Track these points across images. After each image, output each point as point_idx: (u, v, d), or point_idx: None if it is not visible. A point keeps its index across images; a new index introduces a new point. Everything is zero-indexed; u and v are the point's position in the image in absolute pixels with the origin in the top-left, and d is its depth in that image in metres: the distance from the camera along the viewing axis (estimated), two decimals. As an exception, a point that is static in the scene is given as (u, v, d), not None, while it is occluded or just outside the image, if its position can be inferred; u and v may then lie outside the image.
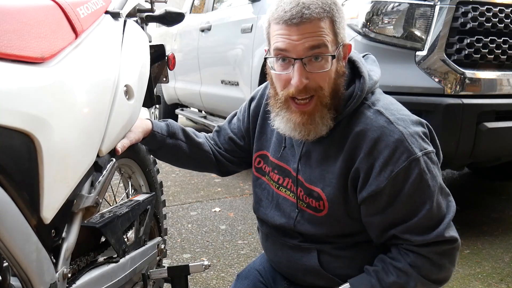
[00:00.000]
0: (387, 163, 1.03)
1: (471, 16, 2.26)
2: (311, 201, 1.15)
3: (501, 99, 2.36)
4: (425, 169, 1.03)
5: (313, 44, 1.00)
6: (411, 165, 1.02)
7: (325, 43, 1.01)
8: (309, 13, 0.99)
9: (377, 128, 1.05)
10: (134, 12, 1.47)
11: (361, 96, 1.08)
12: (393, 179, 1.03)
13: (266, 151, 1.28)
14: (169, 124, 1.36)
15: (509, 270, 2.17)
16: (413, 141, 1.03)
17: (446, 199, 1.09)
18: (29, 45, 0.84)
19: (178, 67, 4.57)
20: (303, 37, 1.00)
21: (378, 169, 1.04)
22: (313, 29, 1.00)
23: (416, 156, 1.02)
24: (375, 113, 1.07)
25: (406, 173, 1.02)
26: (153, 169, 1.64)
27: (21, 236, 0.78)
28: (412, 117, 1.10)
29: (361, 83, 1.08)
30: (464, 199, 3.24)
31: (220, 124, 1.44)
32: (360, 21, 2.30)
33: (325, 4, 1.01)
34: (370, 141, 1.04)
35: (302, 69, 1.01)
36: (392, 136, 1.03)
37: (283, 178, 1.22)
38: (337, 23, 1.03)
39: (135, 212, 1.31)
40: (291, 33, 1.00)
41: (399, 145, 1.02)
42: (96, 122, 1.01)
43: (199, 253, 2.38)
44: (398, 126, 1.04)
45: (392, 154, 1.02)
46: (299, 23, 0.99)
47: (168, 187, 3.50)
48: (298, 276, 1.25)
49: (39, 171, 0.81)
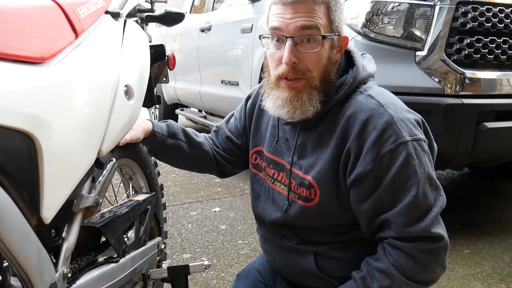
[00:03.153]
0: (374, 144, 1.02)
1: (471, 16, 2.26)
2: (302, 191, 1.15)
3: (501, 99, 2.36)
4: (413, 154, 1.02)
5: (305, 24, 1.03)
6: (398, 148, 1.01)
7: (317, 26, 1.04)
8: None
9: (367, 110, 1.05)
10: (134, 12, 1.47)
11: (353, 84, 1.09)
12: (379, 161, 1.02)
13: (261, 146, 1.29)
14: (170, 124, 1.37)
15: (509, 270, 2.17)
16: (403, 125, 1.03)
17: (435, 191, 1.05)
18: (29, 45, 0.84)
19: (178, 67, 4.57)
20: (296, 16, 1.03)
21: (365, 151, 1.03)
22: (306, 10, 1.03)
23: (404, 140, 1.01)
24: (366, 97, 1.08)
25: (392, 156, 1.01)
26: (154, 171, 1.64)
27: (21, 236, 0.78)
28: (405, 106, 1.10)
29: (353, 71, 1.10)
30: (464, 199, 3.24)
31: (218, 124, 1.45)
32: (360, 21, 2.30)
33: None
34: (359, 123, 1.05)
35: (292, 47, 1.04)
36: (381, 119, 1.03)
37: (278, 173, 1.23)
38: (333, 11, 1.06)
39: (135, 212, 1.31)
40: (285, 11, 1.04)
41: (387, 128, 1.02)
42: (96, 122, 1.01)
43: (199, 253, 2.38)
44: (388, 109, 1.04)
45: (380, 136, 1.02)
46: (294, 2, 1.03)
47: (168, 187, 3.50)
48: (297, 278, 1.25)
49: (39, 171, 0.81)
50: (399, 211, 1.02)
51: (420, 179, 1.02)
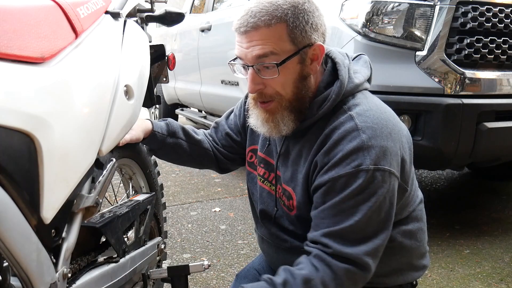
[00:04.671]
0: (336, 164, 1.02)
1: (471, 16, 2.26)
2: (285, 200, 1.19)
3: (501, 99, 2.36)
4: (369, 184, 1.00)
5: (259, 53, 1.02)
6: (358, 174, 1.00)
7: (273, 52, 1.01)
8: (254, 22, 1.00)
9: (342, 131, 1.04)
10: (134, 12, 1.47)
11: (336, 100, 1.07)
12: (335, 180, 1.02)
13: (256, 145, 1.30)
14: (169, 123, 1.37)
15: (509, 270, 2.17)
16: (371, 153, 1.00)
17: (382, 224, 1.03)
18: (29, 45, 0.84)
19: (178, 67, 4.57)
20: (250, 45, 1.02)
21: (326, 168, 1.04)
22: (260, 37, 1.01)
23: (365, 167, 1.00)
24: (347, 118, 1.06)
25: (349, 180, 1.01)
26: (153, 171, 1.64)
27: (21, 236, 0.78)
28: (387, 128, 1.05)
29: (337, 87, 1.08)
30: (464, 199, 3.24)
31: (218, 120, 1.45)
32: (360, 21, 2.30)
33: (277, 10, 1.00)
34: (331, 142, 1.05)
35: (254, 75, 1.05)
36: (351, 142, 1.02)
37: (268, 173, 1.25)
38: (294, 27, 1.01)
39: (135, 212, 1.31)
40: (241, 40, 1.05)
41: (354, 152, 1.01)
42: (96, 122, 1.01)
43: (199, 253, 2.38)
44: (362, 134, 1.02)
45: (344, 158, 1.02)
46: (245, 32, 1.02)
47: (168, 187, 3.50)
48: None
49: (39, 171, 0.81)
50: (338, 230, 1.01)
51: (369, 208, 1.00)
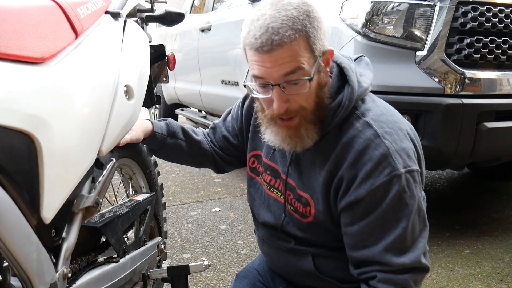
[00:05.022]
0: (368, 175, 1.01)
1: (471, 16, 2.26)
2: (299, 206, 1.15)
3: (501, 99, 2.36)
4: (405, 187, 1.01)
5: (287, 70, 0.97)
6: (392, 180, 1.00)
7: (300, 66, 0.97)
8: (279, 39, 0.94)
9: (364, 141, 1.03)
10: (134, 12, 1.47)
11: (349, 106, 1.06)
12: (373, 192, 1.01)
13: (259, 151, 1.28)
14: (169, 123, 1.37)
15: (509, 270, 2.17)
16: (398, 157, 1.01)
17: (422, 222, 1.06)
18: (29, 45, 0.84)
19: (178, 67, 4.57)
20: (276, 64, 0.96)
21: (359, 181, 1.02)
22: (286, 54, 0.96)
23: (398, 172, 1.00)
24: (364, 125, 1.05)
25: (386, 188, 1.00)
26: (153, 171, 1.64)
27: (21, 236, 0.78)
28: (402, 130, 1.07)
29: (349, 92, 1.06)
30: (464, 199, 3.24)
31: (216, 122, 1.44)
32: (360, 21, 2.30)
33: (296, 22, 0.96)
34: (355, 152, 1.03)
35: (281, 93, 1.00)
36: (377, 150, 1.01)
37: (274, 180, 1.22)
38: (312, 38, 0.98)
39: (135, 212, 1.31)
40: (264, 60, 0.97)
41: (382, 160, 1.01)
42: (96, 122, 1.02)
43: (199, 253, 2.38)
44: (384, 140, 1.02)
45: (374, 168, 1.01)
46: (270, 50, 0.95)
47: (168, 187, 3.50)
48: (296, 278, 1.25)
49: (39, 171, 0.81)
50: (390, 242, 1.01)
51: (410, 212, 1.02)
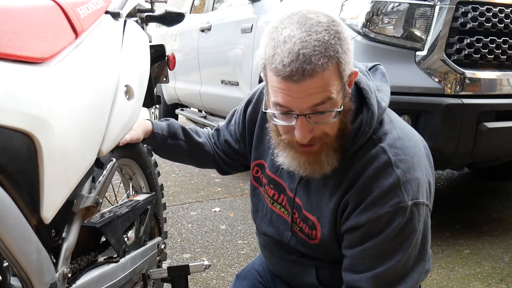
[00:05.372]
0: (373, 204, 0.98)
1: (471, 16, 2.26)
2: (305, 227, 1.12)
3: (501, 99, 2.36)
4: (408, 219, 0.97)
5: (317, 101, 0.89)
6: (397, 212, 0.97)
7: (330, 97, 0.90)
8: (311, 68, 0.85)
9: (376, 168, 0.99)
10: (134, 12, 1.47)
11: (369, 132, 1.00)
12: (374, 221, 0.98)
13: (263, 160, 1.23)
14: (170, 124, 1.36)
15: (509, 270, 2.17)
16: (407, 188, 0.97)
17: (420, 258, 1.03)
18: (29, 45, 0.84)
19: (178, 67, 4.57)
20: (305, 94, 0.88)
21: (363, 207, 0.99)
22: (316, 85, 0.87)
23: (404, 205, 0.97)
24: (378, 151, 1.00)
25: (389, 219, 0.97)
26: (154, 171, 1.64)
27: (21, 236, 0.78)
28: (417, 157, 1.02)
29: (369, 118, 0.99)
30: (464, 199, 3.24)
31: (221, 125, 1.42)
32: (360, 21, 2.30)
33: (329, 48, 0.87)
34: (365, 179, 0.99)
35: (306, 123, 0.91)
36: (387, 180, 0.97)
37: (278, 194, 1.18)
38: (343, 64, 0.90)
39: (135, 212, 1.31)
40: (291, 89, 0.88)
41: (391, 190, 0.97)
42: (96, 122, 1.01)
43: (199, 253, 2.38)
44: (396, 170, 0.98)
45: (381, 197, 0.97)
46: (300, 80, 0.86)
47: (168, 187, 3.50)
48: (297, 285, 1.24)
49: (39, 171, 0.81)
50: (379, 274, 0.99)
51: (409, 245, 0.99)
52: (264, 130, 1.20)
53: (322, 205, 1.08)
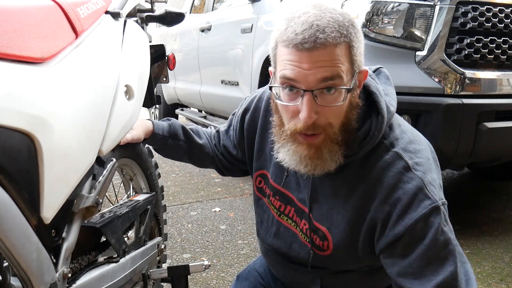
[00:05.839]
0: (405, 211, 0.92)
1: (471, 16, 2.26)
2: (315, 238, 1.07)
3: (501, 99, 2.36)
4: (443, 220, 0.93)
5: (327, 75, 0.87)
6: (432, 213, 0.92)
7: (340, 74, 0.88)
8: (324, 38, 0.85)
9: (395, 174, 0.95)
10: (134, 12, 1.47)
11: (378, 137, 0.97)
12: (412, 228, 0.92)
13: (266, 171, 1.19)
14: (171, 124, 1.35)
15: (509, 270, 2.17)
16: (432, 189, 0.94)
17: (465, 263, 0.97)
18: (29, 45, 0.84)
19: (178, 67, 4.57)
20: (315, 65, 0.86)
21: (395, 218, 0.93)
22: (328, 57, 0.86)
23: (437, 204, 0.92)
24: (393, 157, 0.97)
25: (427, 222, 0.91)
26: (154, 173, 1.64)
27: (21, 236, 0.78)
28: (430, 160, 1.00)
29: (379, 122, 0.97)
30: (464, 199, 3.24)
31: (221, 127, 1.40)
32: (360, 21, 2.30)
33: (343, 27, 0.88)
34: (386, 188, 0.95)
35: (312, 102, 0.88)
36: (410, 183, 0.93)
37: (284, 206, 1.14)
38: (355, 49, 0.90)
39: (135, 212, 1.31)
40: (301, 59, 0.87)
41: (418, 192, 0.92)
42: (96, 122, 1.01)
43: (199, 253, 2.38)
44: (417, 172, 0.94)
45: (411, 201, 0.92)
46: (312, 48, 0.85)
47: (168, 187, 3.50)
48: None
49: (39, 171, 0.81)
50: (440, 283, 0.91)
51: (454, 248, 0.94)
52: (265, 139, 1.17)
53: (334, 214, 1.03)
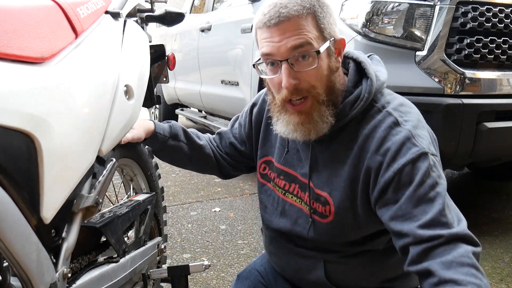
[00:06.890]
0: (394, 158, 0.99)
1: (471, 16, 2.26)
2: (318, 206, 1.12)
3: (501, 99, 2.36)
4: (432, 166, 0.97)
5: (295, 43, 0.99)
6: (420, 158, 0.97)
7: (308, 41, 0.99)
8: (287, 12, 0.98)
9: (384, 128, 1.02)
10: (134, 12, 1.47)
11: (368, 98, 1.05)
12: (400, 172, 0.97)
13: (271, 156, 1.26)
14: (172, 125, 1.36)
15: (509, 270, 2.17)
16: (421, 140, 1.00)
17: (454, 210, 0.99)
18: (29, 45, 0.84)
19: (178, 67, 4.58)
20: (284, 37, 0.99)
21: (385, 166, 0.99)
22: (294, 28, 0.99)
23: (425, 150, 0.98)
24: (384, 115, 1.04)
25: (414, 165, 0.97)
26: (154, 173, 1.64)
27: (21, 236, 0.78)
28: (421, 122, 1.06)
29: (368, 85, 1.06)
30: (464, 199, 3.24)
31: (223, 129, 1.44)
32: (360, 21, 2.30)
33: (305, 1, 1.00)
34: (377, 141, 1.02)
35: (289, 69, 1.00)
36: (399, 135, 1.00)
37: (289, 184, 1.19)
38: (321, 18, 1.01)
39: (135, 212, 1.31)
40: (272, 35, 1.00)
41: (406, 141, 0.99)
42: (96, 122, 1.02)
43: (199, 253, 2.38)
44: (405, 126, 1.01)
45: (399, 149, 0.99)
46: (278, 23, 0.99)
47: (168, 187, 3.50)
48: (303, 283, 1.24)
49: (39, 171, 0.81)
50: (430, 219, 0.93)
51: (443, 191, 0.97)
52: (269, 127, 1.24)
53: (333, 178, 1.09)
